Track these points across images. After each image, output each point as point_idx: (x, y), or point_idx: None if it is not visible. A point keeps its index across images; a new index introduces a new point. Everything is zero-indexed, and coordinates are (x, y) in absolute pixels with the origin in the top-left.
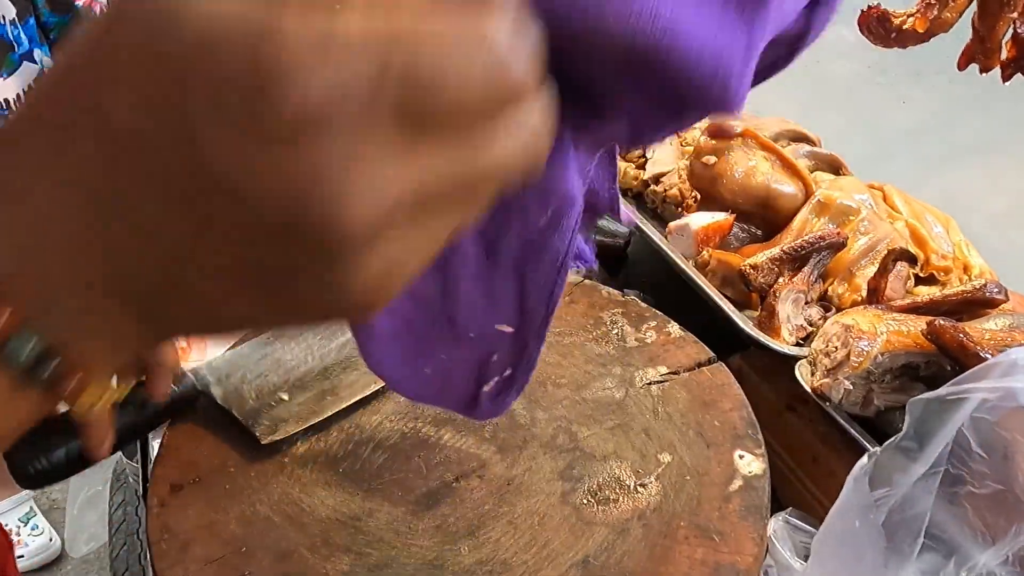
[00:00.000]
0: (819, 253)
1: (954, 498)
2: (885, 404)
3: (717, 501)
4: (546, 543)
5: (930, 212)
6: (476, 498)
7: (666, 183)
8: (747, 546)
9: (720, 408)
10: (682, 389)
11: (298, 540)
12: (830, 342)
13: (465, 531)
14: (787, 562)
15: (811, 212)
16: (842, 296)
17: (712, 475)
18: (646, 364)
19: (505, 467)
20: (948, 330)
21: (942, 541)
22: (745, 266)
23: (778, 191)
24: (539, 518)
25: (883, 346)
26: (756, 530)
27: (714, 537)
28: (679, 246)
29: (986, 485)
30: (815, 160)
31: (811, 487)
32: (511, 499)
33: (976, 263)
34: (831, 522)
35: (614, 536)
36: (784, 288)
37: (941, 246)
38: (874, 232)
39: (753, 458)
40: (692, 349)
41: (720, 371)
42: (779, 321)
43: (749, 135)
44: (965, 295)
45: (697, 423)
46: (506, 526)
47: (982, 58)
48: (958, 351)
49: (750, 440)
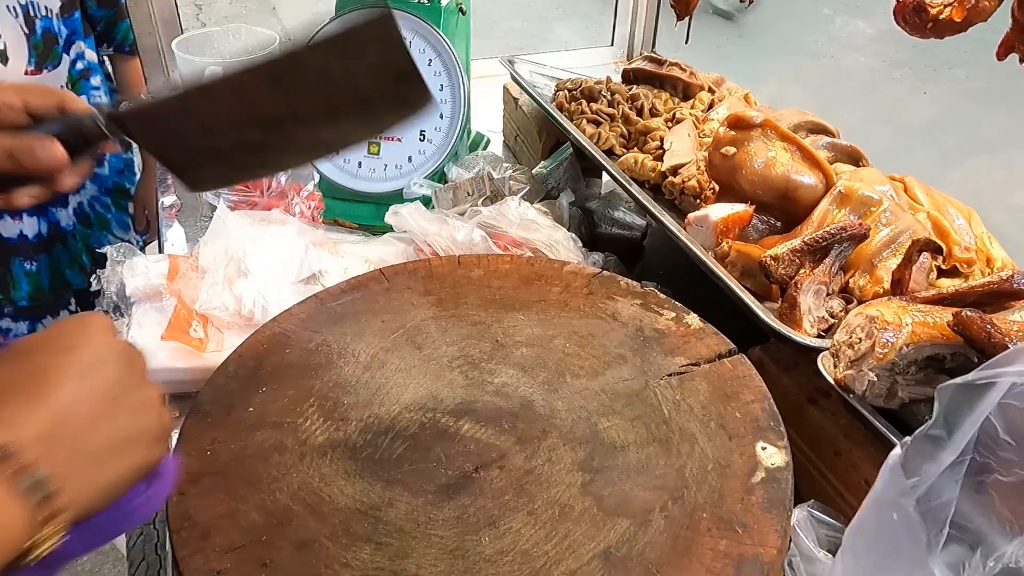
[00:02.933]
0: (840, 244)
1: (980, 487)
2: (910, 396)
3: (740, 493)
4: (567, 534)
5: (952, 204)
6: (496, 488)
7: (684, 174)
8: (771, 538)
9: (742, 400)
10: (703, 380)
11: (318, 529)
12: (854, 333)
13: (486, 521)
14: (811, 554)
15: (832, 203)
16: (864, 288)
17: (734, 467)
18: (666, 355)
19: (525, 458)
20: (976, 321)
21: (967, 531)
22: (766, 257)
23: (798, 182)
24: (560, 509)
25: (908, 337)
26: (779, 522)
27: (737, 529)
28: (698, 237)
29: (1014, 473)
30: (835, 151)
31: (833, 480)
32: (531, 490)
33: (999, 255)
34: (865, 514)
35: (636, 527)
36: (805, 279)
37: (964, 238)
38: (896, 223)
39: (776, 450)
40: (712, 341)
41: (741, 363)
42: (800, 313)
43: (769, 125)
44: (991, 286)
45: (719, 415)
46: (526, 517)
47: (1021, 47)
48: (985, 342)
49: (772, 432)
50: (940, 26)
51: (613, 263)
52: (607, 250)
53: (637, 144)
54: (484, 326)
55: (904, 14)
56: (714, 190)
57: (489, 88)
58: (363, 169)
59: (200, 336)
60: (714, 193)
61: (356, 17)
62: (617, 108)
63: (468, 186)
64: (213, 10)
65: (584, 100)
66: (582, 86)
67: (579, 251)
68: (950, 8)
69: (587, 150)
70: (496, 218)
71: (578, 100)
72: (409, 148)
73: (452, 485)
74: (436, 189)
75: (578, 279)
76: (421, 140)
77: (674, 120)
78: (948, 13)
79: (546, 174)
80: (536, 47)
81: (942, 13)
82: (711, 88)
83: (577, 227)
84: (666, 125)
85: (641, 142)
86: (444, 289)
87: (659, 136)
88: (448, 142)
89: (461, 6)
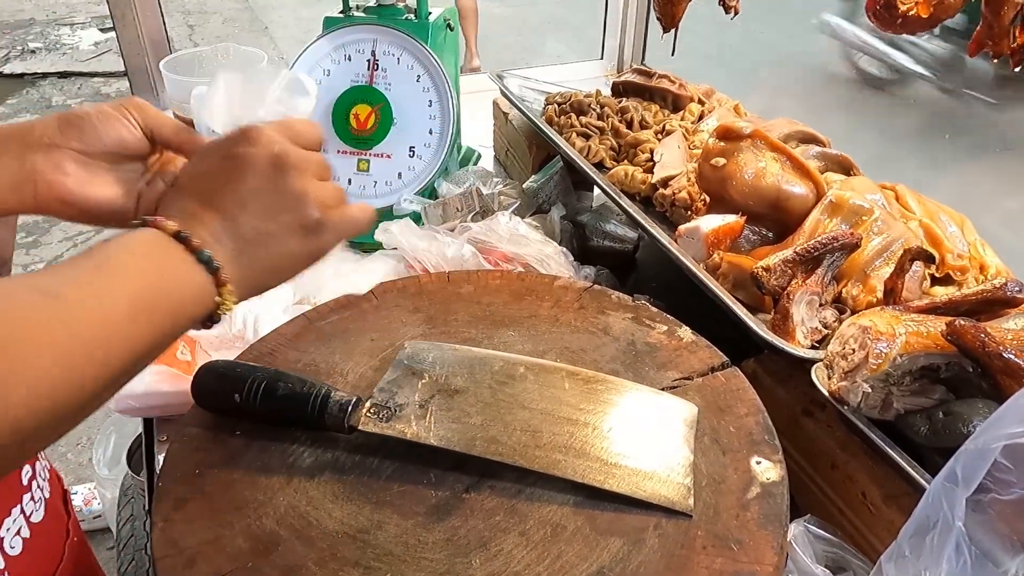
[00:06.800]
0: (832, 254)
1: (979, 506)
2: (905, 407)
3: (735, 509)
4: (559, 555)
5: (944, 211)
6: (487, 509)
7: (675, 186)
8: (767, 555)
9: (735, 413)
10: (696, 394)
11: (305, 554)
12: (847, 344)
13: (476, 543)
14: (809, 570)
15: (823, 213)
16: (857, 297)
17: (729, 482)
18: (658, 369)
19: (516, 476)
20: (969, 330)
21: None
22: (757, 268)
23: (789, 192)
24: (552, 529)
25: (902, 347)
26: (776, 538)
27: (733, 546)
28: (689, 249)
29: (1012, 492)
30: (825, 161)
31: (830, 493)
32: (523, 510)
33: (992, 262)
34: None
35: (629, 546)
36: (798, 290)
37: (956, 245)
38: (888, 232)
39: (771, 464)
40: (705, 354)
41: (734, 376)
42: (793, 324)
43: (759, 136)
44: (985, 294)
45: (712, 429)
46: (518, 538)
47: (991, 44)
48: (980, 351)
49: (767, 446)
50: (909, 22)
51: (605, 276)
52: (599, 263)
53: (627, 157)
54: (474, 343)
55: (875, 10)
56: (705, 201)
57: (479, 103)
58: (353, 186)
59: (187, 359)
60: (705, 204)
61: None
62: (607, 121)
63: (458, 202)
64: (206, 30)
65: (574, 113)
66: (571, 99)
67: (571, 265)
68: (918, 5)
69: (577, 163)
70: (486, 233)
71: (568, 114)
72: (399, 164)
73: (442, 506)
74: (426, 205)
75: (569, 293)
76: (411, 156)
77: (664, 132)
78: (916, 10)
79: (537, 188)
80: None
81: (912, 10)
82: (701, 99)
83: (568, 241)
84: (656, 137)
85: (631, 155)
86: (434, 306)
87: (649, 148)
88: (438, 158)
89: (449, 22)
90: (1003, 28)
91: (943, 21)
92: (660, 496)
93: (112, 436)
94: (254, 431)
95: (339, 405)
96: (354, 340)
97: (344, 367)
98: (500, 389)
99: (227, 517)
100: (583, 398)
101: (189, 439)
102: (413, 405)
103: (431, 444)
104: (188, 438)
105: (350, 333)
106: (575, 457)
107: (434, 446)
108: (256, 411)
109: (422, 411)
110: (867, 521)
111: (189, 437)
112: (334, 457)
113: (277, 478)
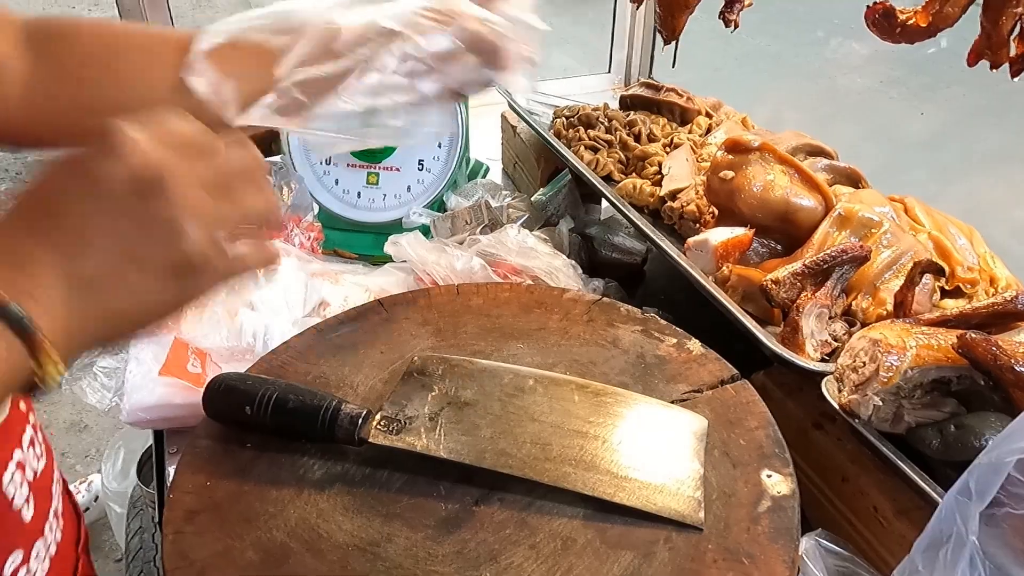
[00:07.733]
0: (842, 267)
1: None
2: (916, 420)
3: (745, 522)
4: (570, 568)
5: (953, 223)
6: (497, 522)
7: (683, 199)
8: (778, 569)
9: (745, 426)
10: (705, 407)
11: (316, 567)
12: (857, 357)
13: (486, 556)
14: None
15: (832, 225)
16: (866, 310)
17: (739, 496)
18: (668, 382)
19: (526, 489)
20: (980, 343)
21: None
22: (767, 281)
23: (797, 205)
24: (562, 542)
25: (913, 360)
26: (787, 552)
27: (743, 560)
28: (698, 262)
29: None
30: (833, 173)
31: (841, 507)
32: (533, 522)
33: (1002, 275)
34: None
35: (640, 560)
36: (807, 303)
37: (966, 258)
38: (897, 245)
39: (781, 478)
40: (714, 367)
41: (744, 389)
42: (803, 337)
43: (767, 149)
44: (996, 307)
45: (722, 442)
46: (528, 551)
47: (990, 54)
48: (991, 364)
49: (777, 459)
50: (909, 31)
51: (614, 289)
52: (608, 276)
53: (635, 170)
54: (484, 355)
55: (874, 19)
56: (713, 214)
57: (488, 116)
58: (362, 199)
59: (198, 371)
60: (713, 217)
61: None
62: (615, 134)
63: (467, 215)
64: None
65: (582, 127)
66: (579, 113)
67: (579, 278)
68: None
69: (585, 176)
70: (495, 246)
71: (576, 127)
72: (408, 177)
73: (452, 519)
74: (435, 218)
75: (578, 306)
76: (420, 169)
77: (672, 145)
78: (915, 19)
79: (545, 201)
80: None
81: (910, 19)
82: (708, 112)
83: (577, 253)
84: (664, 150)
85: (639, 168)
86: (443, 319)
87: (657, 161)
88: (447, 171)
89: None
90: (1002, 38)
91: (942, 30)
92: (670, 509)
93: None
94: (264, 443)
95: (349, 418)
96: (364, 352)
97: (354, 380)
98: (509, 402)
99: (237, 529)
100: (592, 411)
101: (200, 451)
102: (423, 418)
103: (441, 456)
104: (199, 450)
105: (360, 346)
106: (585, 470)
107: (444, 458)
108: (267, 424)
109: (432, 423)
110: (879, 535)
111: (200, 449)
112: (344, 469)
113: (287, 490)
